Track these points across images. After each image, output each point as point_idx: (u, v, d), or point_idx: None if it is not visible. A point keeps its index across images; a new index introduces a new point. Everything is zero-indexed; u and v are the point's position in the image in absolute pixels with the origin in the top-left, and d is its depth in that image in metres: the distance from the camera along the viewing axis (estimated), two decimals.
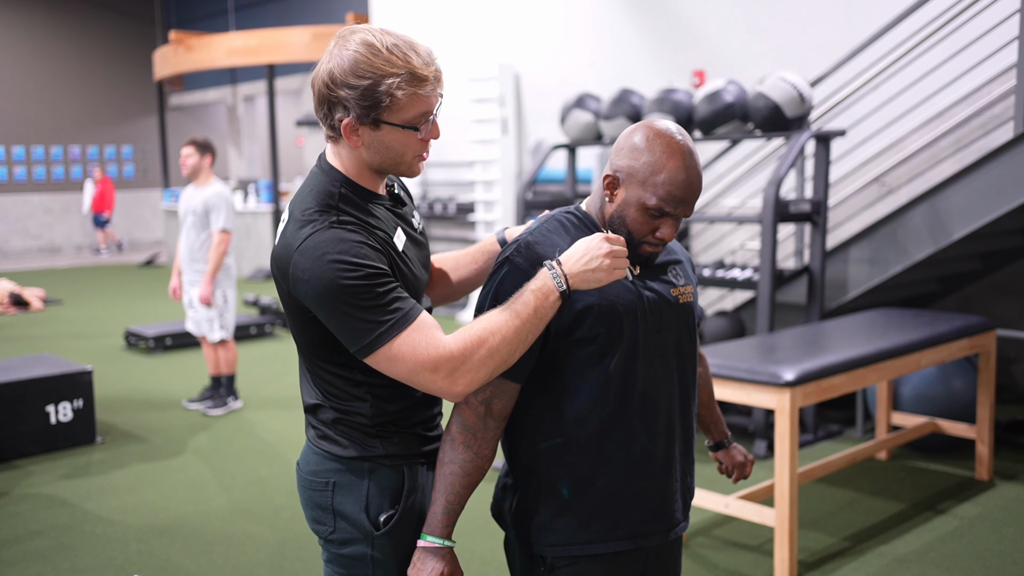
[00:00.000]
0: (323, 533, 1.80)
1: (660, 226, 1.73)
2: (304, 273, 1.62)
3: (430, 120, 1.70)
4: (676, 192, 1.70)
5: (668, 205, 1.70)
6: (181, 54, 15.50)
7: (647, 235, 1.74)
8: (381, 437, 1.77)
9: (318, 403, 1.79)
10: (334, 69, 1.65)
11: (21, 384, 5.19)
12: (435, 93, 1.69)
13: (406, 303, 1.63)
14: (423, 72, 1.65)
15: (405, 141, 1.69)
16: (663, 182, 1.69)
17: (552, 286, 1.63)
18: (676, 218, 1.73)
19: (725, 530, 3.99)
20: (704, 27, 7.84)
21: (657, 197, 1.70)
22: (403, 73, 1.62)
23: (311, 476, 1.80)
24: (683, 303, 1.82)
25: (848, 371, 3.68)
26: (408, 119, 1.66)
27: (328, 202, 1.68)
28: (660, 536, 1.81)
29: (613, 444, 1.74)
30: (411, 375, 1.61)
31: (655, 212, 1.71)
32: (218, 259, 5.73)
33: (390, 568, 1.77)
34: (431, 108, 1.69)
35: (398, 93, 1.62)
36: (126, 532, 4.11)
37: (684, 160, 1.70)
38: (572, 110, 6.17)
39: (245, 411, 6.16)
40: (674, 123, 1.76)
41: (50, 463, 5.11)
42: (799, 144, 4.97)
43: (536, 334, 1.64)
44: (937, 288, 6.06)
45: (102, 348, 8.50)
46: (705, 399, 2.16)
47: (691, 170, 1.70)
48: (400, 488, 1.77)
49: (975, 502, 4.24)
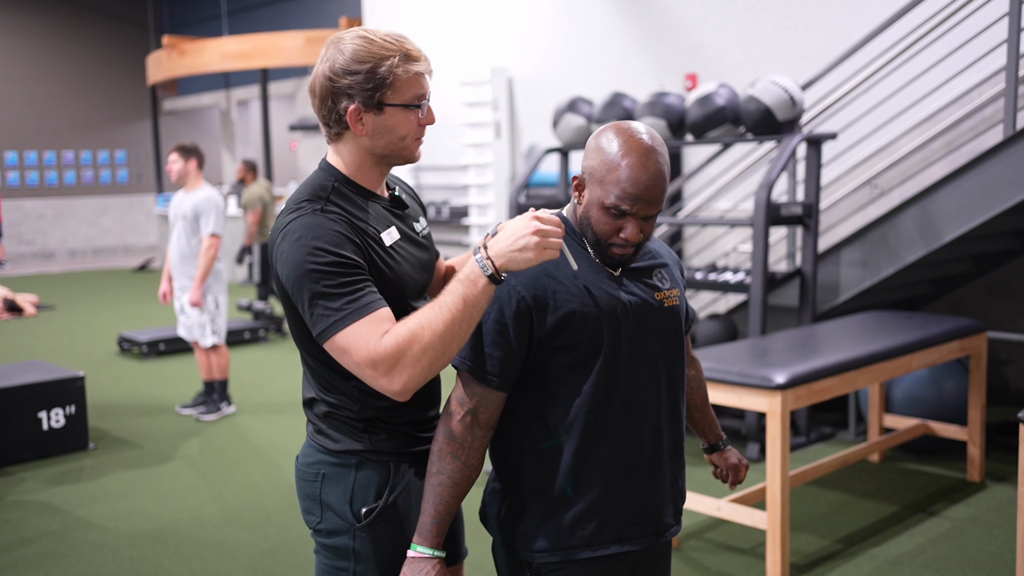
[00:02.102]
0: (312, 523, 1.84)
1: (624, 226, 1.71)
2: (282, 255, 1.68)
3: (425, 103, 1.78)
4: (631, 190, 1.68)
5: (625, 203, 1.69)
6: (174, 59, 15.48)
7: (612, 236, 1.73)
8: (369, 432, 1.80)
9: (313, 397, 1.84)
10: (334, 64, 1.74)
11: (13, 390, 5.18)
12: (427, 74, 1.78)
13: (367, 296, 1.63)
14: (416, 53, 1.76)
15: (406, 122, 1.77)
16: (618, 180, 1.69)
17: (478, 272, 1.62)
18: (640, 217, 1.71)
19: (717, 533, 3.99)
20: (697, 31, 7.85)
21: (614, 195, 1.69)
22: (399, 54, 1.73)
23: (304, 467, 1.85)
24: (668, 307, 1.82)
25: (839, 374, 3.69)
26: (408, 98, 1.75)
27: (319, 193, 1.74)
28: (647, 540, 1.81)
29: (598, 449, 1.75)
30: (357, 370, 1.63)
31: (614, 211, 1.70)
32: (208, 263, 5.73)
33: (370, 562, 1.79)
34: (425, 90, 1.78)
35: (398, 71, 1.72)
36: (118, 539, 4.10)
37: (641, 157, 1.68)
38: (564, 114, 6.18)
39: (238, 416, 6.15)
40: (643, 124, 1.75)
41: (42, 469, 5.10)
42: (790, 147, 4.98)
43: (472, 322, 1.62)
44: (929, 290, 6.08)
45: (95, 353, 8.49)
46: (699, 402, 2.16)
47: (648, 167, 1.68)
48: (385, 484, 1.79)
49: (966, 504, 4.24)
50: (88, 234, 19.80)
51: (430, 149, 10.57)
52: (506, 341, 1.71)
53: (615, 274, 1.78)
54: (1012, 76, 4.62)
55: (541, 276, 1.72)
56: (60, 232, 19.50)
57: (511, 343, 1.71)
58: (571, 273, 1.73)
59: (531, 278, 1.72)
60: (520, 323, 1.71)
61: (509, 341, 1.71)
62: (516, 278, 1.71)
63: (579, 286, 1.73)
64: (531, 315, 1.71)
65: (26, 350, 8.63)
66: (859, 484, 4.55)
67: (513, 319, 1.70)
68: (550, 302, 1.71)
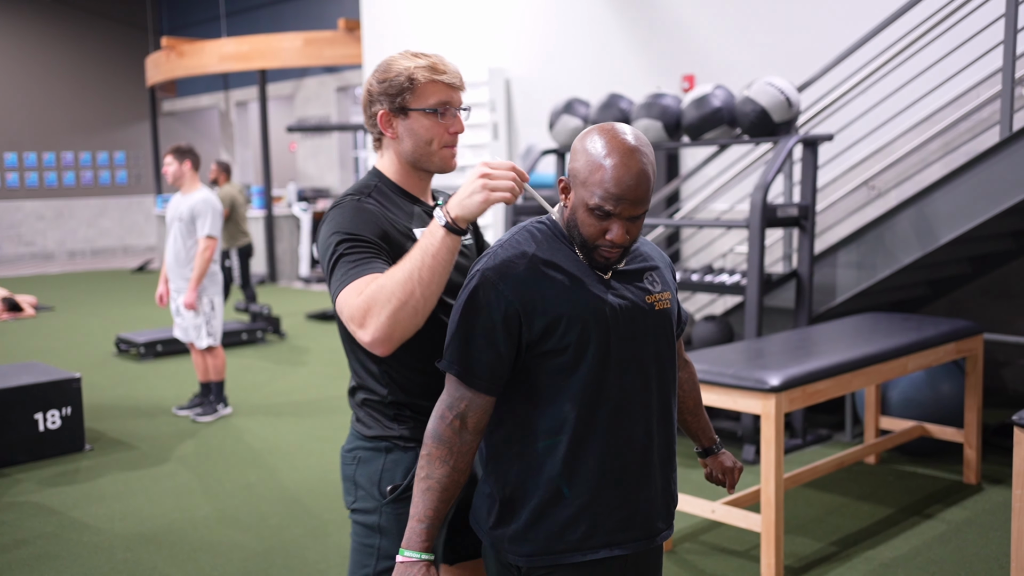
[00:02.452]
0: (348, 503, 2.01)
1: (609, 227, 1.70)
2: (318, 238, 1.90)
3: (453, 112, 1.93)
4: (613, 189, 1.67)
5: (608, 203, 1.68)
6: (173, 60, 15.49)
7: (598, 238, 1.72)
8: (397, 420, 1.94)
9: (354, 385, 2.01)
10: (372, 75, 1.96)
11: (9, 392, 5.18)
12: (455, 87, 1.93)
13: (369, 264, 1.76)
14: (442, 67, 1.93)
15: (430, 127, 1.92)
16: (600, 180, 1.68)
17: (437, 224, 1.72)
18: (624, 218, 1.69)
19: (712, 535, 3.98)
20: (694, 32, 7.85)
21: (597, 196, 1.68)
22: (424, 64, 1.91)
23: (345, 453, 2.02)
24: (659, 310, 1.81)
25: (834, 376, 3.68)
26: (430, 104, 1.90)
27: (362, 190, 1.94)
28: (638, 544, 1.80)
29: (587, 453, 1.74)
30: (348, 327, 1.75)
31: (598, 212, 1.69)
32: (203, 265, 5.72)
33: (393, 537, 1.91)
34: (451, 99, 1.93)
35: (418, 75, 1.89)
36: (112, 540, 4.09)
37: (624, 157, 1.67)
38: (561, 115, 6.17)
39: (234, 418, 6.14)
40: (629, 126, 1.75)
41: (38, 471, 5.10)
42: (786, 149, 4.97)
43: (435, 272, 1.70)
44: (927, 292, 6.07)
45: (93, 355, 8.48)
46: (692, 405, 2.15)
47: (631, 167, 1.67)
48: (411, 467, 1.92)
49: (962, 506, 4.24)
50: (87, 235, 19.80)
51: None
52: (494, 345, 1.71)
53: (605, 277, 1.77)
54: (1009, 78, 4.62)
55: (529, 280, 1.71)
56: (59, 233, 19.50)
57: (499, 347, 1.71)
58: (560, 276, 1.73)
59: (519, 282, 1.71)
60: (508, 327, 1.70)
61: (497, 345, 1.71)
62: (504, 283, 1.71)
63: (568, 290, 1.72)
64: (519, 319, 1.70)
65: (24, 351, 8.62)
66: (855, 486, 4.54)
67: (501, 323, 1.70)
68: (538, 306, 1.70)
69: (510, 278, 1.71)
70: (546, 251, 1.76)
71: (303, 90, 16.91)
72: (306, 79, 16.78)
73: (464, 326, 1.72)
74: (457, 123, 1.94)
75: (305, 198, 14.89)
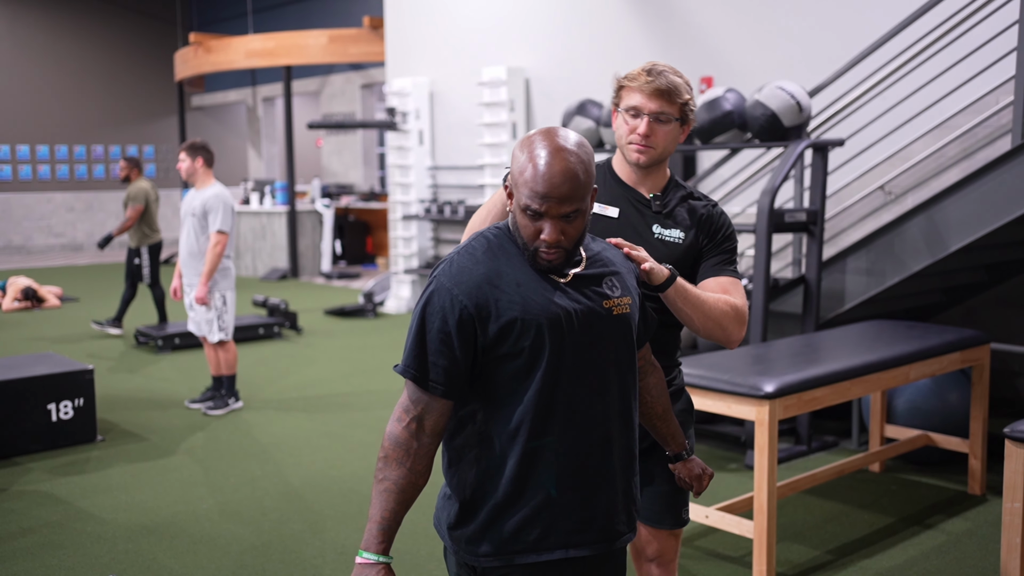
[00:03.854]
0: None
1: (542, 227, 1.73)
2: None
3: (640, 116, 2.20)
4: (538, 188, 1.70)
5: (534, 202, 1.70)
6: (201, 56, 15.65)
7: (535, 239, 1.74)
8: None
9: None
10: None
11: (23, 382, 5.27)
12: (643, 92, 2.20)
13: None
14: (636, 74, 2.23)
15: (621, 125, 2.26)
16: (528, 179, 1.71)
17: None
18: (554, 217, 1.71)
19: (708, 541, 3.98)
20: (713, 34, 7.81)
21: (525, 196, 1.71)
22: (634, 75, 2.23)
23: None
24: (617, 315, 1.82)
25: (831, 384, 3.66)
26: (623, 106, 2.25)
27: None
28: (596, 547, 1.81)
29: (542, 457, 1.76)
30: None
31: (529, 212, 1.72)
32: (215, 260, 5.78)
33: None
34: (639, 105, 2.21)
35: (623, 81, 2.26)
36: (115, 531, 4.16)
37: (549, 156, 1.70)
38: (573, 116, 6.18)
39: (244, 412, 6.21)
40: (569, 130, 1.78)
41: (49, 460, 5.18)
42: (794, 154, 4.94)
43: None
44: (941, 299, 6.01)
45: (112, 346, 8.60)
46: (660, 411, 2.15)
47: (554, 165, 1.69)
48: None
49: (965, 517, 4.20)
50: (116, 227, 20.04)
51: (446, 148, 10.61)
52: (450, 350, 1.73)
53: (561, 282, 1.79)
54: (1021, 84, 4.57)
55: (484, 284, 1.73)
56: (88, 225, 19.76)
57: (455, 352, 1.73)
58: (514, 281, 1.75)
59: (473, 287, 1.73)
60: (463, 332, 1.72)
61: (453, 350, 1.73)
62: (458, 287, 1.73)
63: (522, 294, 1.74)
64: (474, 324, 1.72)
65: (46, 341, 8.76)
66: (857, 495, 4.51)
67: (456, 328, 1.72)
68: (492, 310, 1.72)
69: (464, 284, 1.73)
70: (500, 257, 1.78)
71: (329, 87, 17.02)
72: (332, 76, 16.88)
73: (420, 331, 1.75)
74: (639, 125, 2.22)
75: (329, 194, 14.99)
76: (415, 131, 10.62)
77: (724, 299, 2.20)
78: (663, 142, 2.24)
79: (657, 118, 2.21)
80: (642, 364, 2.06)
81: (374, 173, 16.67)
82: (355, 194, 15.31)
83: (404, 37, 11.08)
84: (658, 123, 2.22)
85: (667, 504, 2.40)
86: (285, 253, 14.14)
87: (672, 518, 2.42)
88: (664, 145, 2.25)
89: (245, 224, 14.60)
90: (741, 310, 2.22)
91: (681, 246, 2.28)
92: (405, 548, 3.84)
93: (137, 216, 8.79)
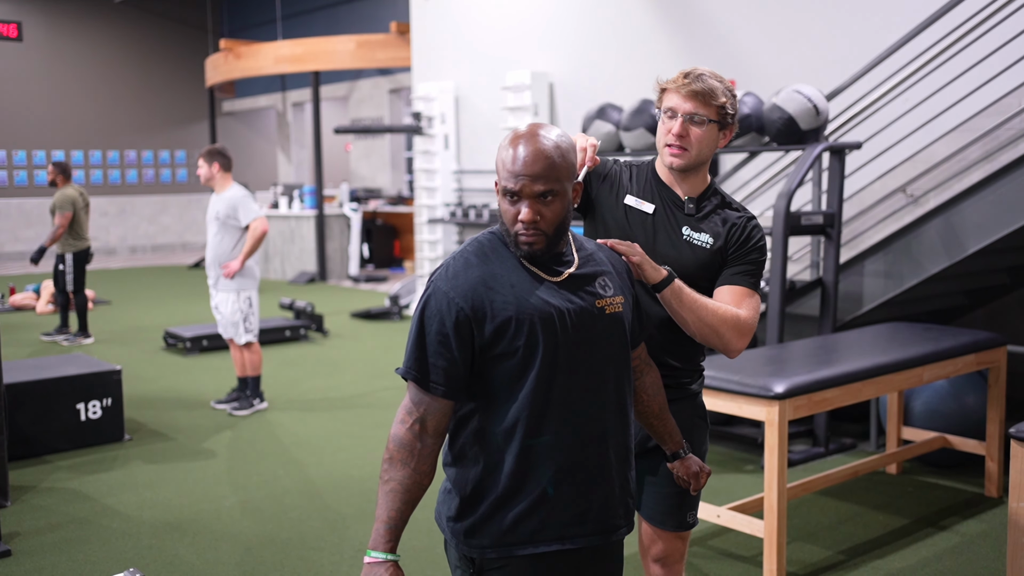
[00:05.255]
0: None
1: (521, 209, 1.80)
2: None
3: (675, 117, 2.24)
4: (512, 168, 1.79)
5: (510, 182, 1.79)
6: (231, 61, 15.87)
7: (514, 223, 1.81)
8: None
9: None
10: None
11: (53, 382, 5.40)
12: (679, 93, 2.24)
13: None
14: (677, 77, 2.26)
15: (661, 126, 2.30)
16: (506, 162, 1.81)
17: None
18: (529, 196, 1.78)
19: (720, 540, 4.01)
20: (735, 37, 7.83)
21: (503, 179, 1.80)
22: (674, 78, 2.28)
23: None
24: (610, 314, 1.88)
25: (842, 385, 3.68)
26: (663, 107, 2.29)
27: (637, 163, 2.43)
28: (591, 539, 1.86)
29: (539, 453, 1.81)
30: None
31: (507, 195, 1.81)
32: (255, 241, 5.94)
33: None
34: (674, 106, 2.25)
35: (662, 83, 2.30)
36: (140, 527, 4.26)
37: (524, 141, 1.80)
38: (593, 120, 6.23)
39: (269, 412, 6.31)
40: (549, 125, 1.86)
41: (78, 458, 5.31)
42: (811, 157, 4.96)
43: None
44: (964, 302, 5.98)
45: (142, 348, 8.76)
46: (657, 409, 2.19)
47: (527, 147, 1.79)
48: None
49: (980, 519, 4.19)
50: (148, 231, 20.35)
51: (472, 152, 10.69)
52: (448, 351, 1.79)
53: (554, 282, 1.84)
54: None
55: (479, 286, 1.80)
56: (121, 229, 20.06)
57: (453, 353, 1.79)
58: (508, 282, 1.81)
59: (469, 288, 1.80)
60: (460, 333, 1.79)
61: (451, 351, 1.79)
62: (454, 290, 1.80)
63: (515, 295, 1.80)
64: (470, 325, 1.78)
65: (76, 344, 8.94)
66: (872, 496, 4.52)
67: (453, 329, 1.78)
68: (487, 311, 1.78)
69: (459, 287, 1.80)
70: (494, 259, 1.84)
71: (357, 91, 17.18)
72: (360, 81, 17.03)
73: (420, 334, 1.82)
74: (674, 126, 2.24)
75: (357, 198, 15.13)
76: (440, 135, 10.72)
77: (727, 308, 2.22)
78: (698, 144, 2.25)
79: (691, 119, 2.23)
80: (638, 363, 2.11)
81: (402, 177, 16.79)
82: (383, 198, 15.44)
83: (430, 42, 11.18)
84: (692, 124, 2.24)
85: (672, 506, 2.43)
86: (313, 257, 14.29)
87: (675, 520, 2.44)
88: (699, 148, 2.26)
89: (274, 228, 14.77)
90: (744, 321, 2.23)
91: (708, 251, 2.30)
92: (408, 542, 3.91)
93: (67, 224, 8.59)
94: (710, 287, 2.31)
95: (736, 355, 2.27)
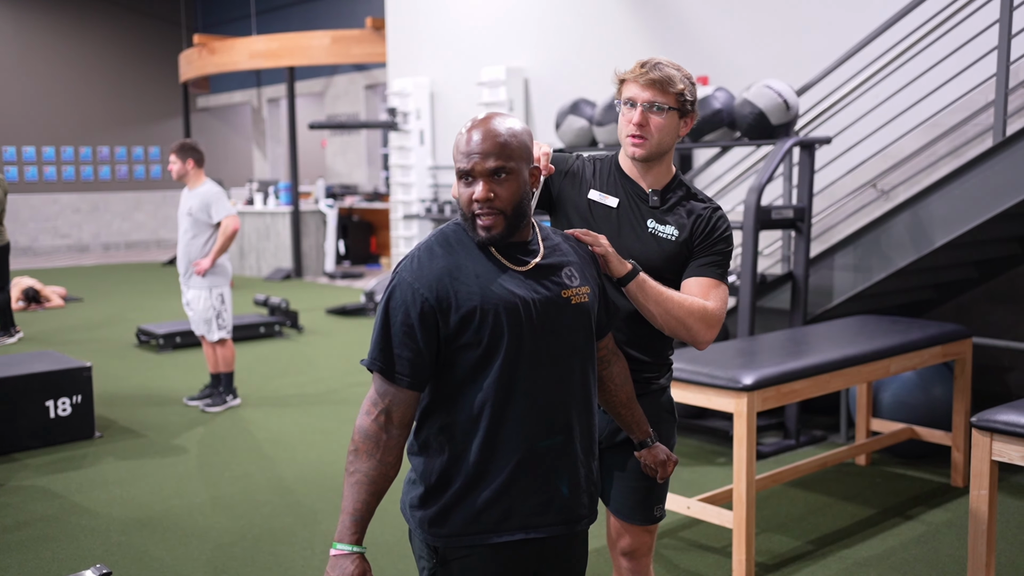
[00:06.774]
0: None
1: (474, 190, 1.81)
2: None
3: (635, 107, 2.23)
4: (464, 148, 1.81)
5: (462, 162, 1.81)
6: (205, 57, 15.75)
7: (470, 204, 1.82)
8: None
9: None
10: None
11: (21, 379, 5.35)
12: (637, 83, 2.23)
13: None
14: (635, 67, 2.25)
15: (621, 118, 2.29)
16: (458, 146, 1.83)
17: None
18: (481, 175, 1.80)
19: (690, 532, 4.04)
20: (709, 33, 7.87)
21: (457, 162, 1.82)
22: (631, 68, 2.27)
23: None
24: (576, 304, 1.89)
25: (810, 376, 3.72)
26: (621, 97, 2.28)
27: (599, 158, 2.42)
28: (555, 529, 1.87)
29: (503, 442, 1.82)
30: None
31: (461, 176, 1.82)
32: (226, 239, 5.91)
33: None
34: (633, 95, 2.24)
35: (621, 74, 2.29)
36: (109, 524, 4.23)
37: (476, 124, 1.82)
38: (567, 116, 6.24)
39: (242, 409, 6.28)
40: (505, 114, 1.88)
41: (47, 456, 5.26)
42: (781, 152, 5.00)
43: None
44: (933, 295, 6.05)
45: (113, 345, 8.69)
46: (624, 399, 2.20)
47: (479, 128, 1.81)
48: None
49: (945, 508, 4.25)
50: (121, 228, 20.18)
51: (447, 147, 10.68)
52: (414, 342, 1.79)
53: (520, 271, 1.85)
54: (1002, 83, 4.61)
55: (444, 276, 1.80)
56: (94, 226, 19.89)
57: (418, 343, 1.79)
58: (473, 272, 1.81)
59: (434, 279, 1.80)
60: (425, 324, 1.79)
61: (416, 342, 1.79)
62: (419, 281, 1.80)
63: (480, 285, 1.80)
64: (435, 315, 1.79)
65: (48, 340, 8.85)
66: (841, 487, 4.56)
67: (418, 320, 1.78)
68: (452, 302, 1.78)
69: (424, 277, 1.80)
70: (459, 250, 1.85)
71: (333, 87, 17.11)
72: (336, 77, 16.97)
73: (385, 325, 1.82)
74: (632, 115, 2.24)
75: (333, 195, 15.07)
76: (416, 131, 10.70)
77: (693, 300, 2.21)
78: (658, 133, 2.24)
79: (651, 107, 2.22)
80: (605, 353, 2.12)
81: (378, 173, 16.76)
82: (359, 194, 15.39)
83: (405, 38, 11.16)
84: (652, 113, 2.23)
85: (639, 500, 2.43)
86: (289, 253, 14.23)
87: (643, 514, 2.45)
88: (660, 136, 2.24)
89: (249, 224, 14.70)
90: (712, 312, 2.22)
91: (673, 243, 2.29)
92: (378, 536, 3.91)
93: None
94: (676, 280, 2.30)
95: (705, 347, 2.26)
